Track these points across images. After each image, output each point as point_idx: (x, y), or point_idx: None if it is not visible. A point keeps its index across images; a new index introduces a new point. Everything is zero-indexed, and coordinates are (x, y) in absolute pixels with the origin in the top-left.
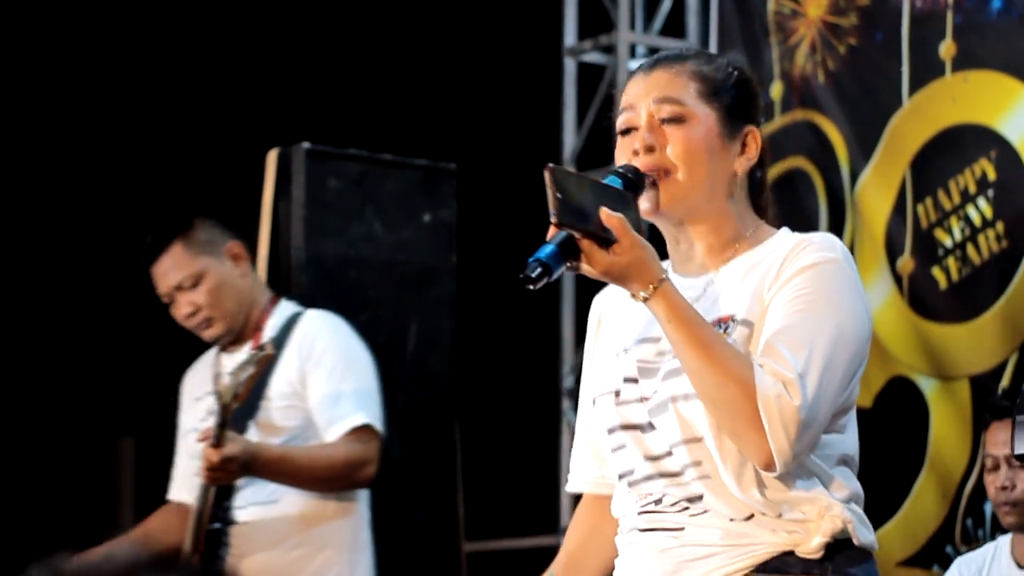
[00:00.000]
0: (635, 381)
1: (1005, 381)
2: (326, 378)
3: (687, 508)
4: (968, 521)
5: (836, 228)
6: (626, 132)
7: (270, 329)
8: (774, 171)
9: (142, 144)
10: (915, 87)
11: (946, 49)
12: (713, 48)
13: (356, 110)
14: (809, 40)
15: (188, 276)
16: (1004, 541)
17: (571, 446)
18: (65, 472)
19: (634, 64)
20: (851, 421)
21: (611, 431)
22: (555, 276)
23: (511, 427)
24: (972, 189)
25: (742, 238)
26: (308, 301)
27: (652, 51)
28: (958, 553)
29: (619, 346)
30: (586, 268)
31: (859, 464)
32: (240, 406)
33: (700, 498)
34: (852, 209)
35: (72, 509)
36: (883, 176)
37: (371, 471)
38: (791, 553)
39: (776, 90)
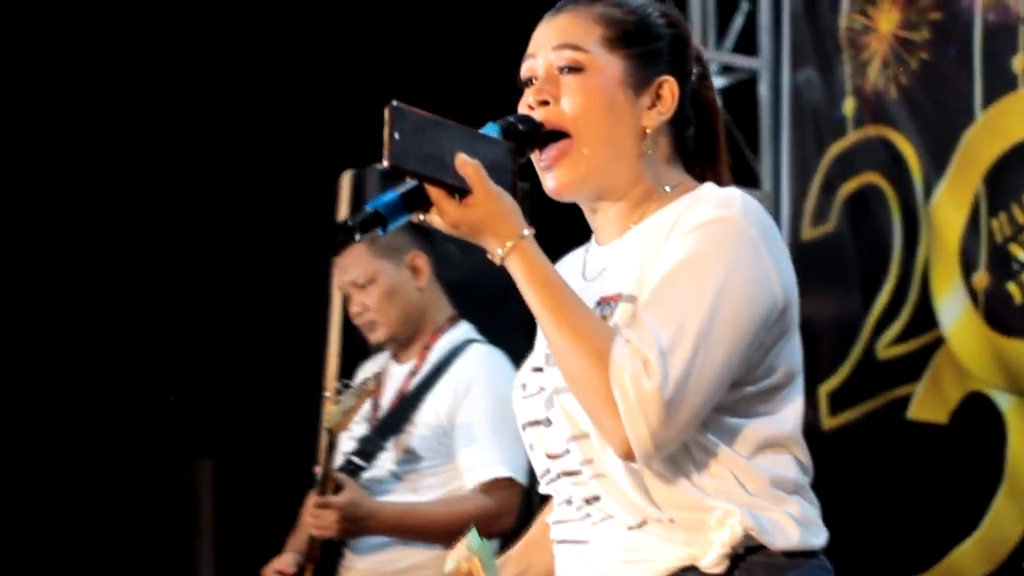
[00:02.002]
0: (540, 370)
1: None
2: (475, 423)
3: (589, 516)
4: None
5: (910, 243)
6: (528, 83)
7: (437, 351)
8: (848, 187)
9: (218, 166)
10: (988, 101)
11: (1019, 63)
12: (786, 65)
13: None
14: (881, 55)
15: (362, 275)
16: None
17: None
18: (143, 494)
19: None
20: (784, 402)
21: (523, 427)
22: (394, 226)
23: None
24: None
25: (656, 196)
26: None
27: (725, 69)
28: None
29: None
30: (436, 220)
31: (932, 477)
32: (388, 421)
33: (598, 499)
34: (926, 224)
35: (150, 532)
36: (957, 191)
37: (507, 523)
38: (693, 568)
39: (849, 106)
